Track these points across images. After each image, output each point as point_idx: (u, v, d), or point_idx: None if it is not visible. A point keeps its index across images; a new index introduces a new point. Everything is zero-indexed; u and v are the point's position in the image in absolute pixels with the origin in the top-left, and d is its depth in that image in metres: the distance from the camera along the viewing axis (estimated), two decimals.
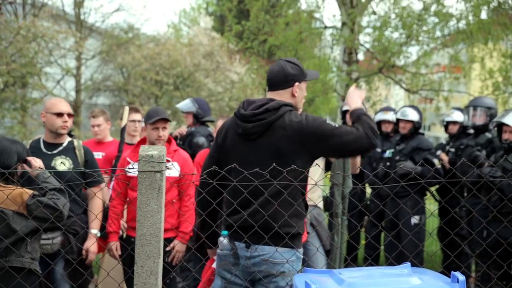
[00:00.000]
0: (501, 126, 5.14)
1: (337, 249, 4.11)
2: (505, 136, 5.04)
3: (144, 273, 2.78)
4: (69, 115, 4.34)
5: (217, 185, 3.13)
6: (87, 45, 15.80)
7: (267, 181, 3.01)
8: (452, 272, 2.49)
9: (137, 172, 2.80)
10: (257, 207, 3.06)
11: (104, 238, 4.63)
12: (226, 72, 17.40)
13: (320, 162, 4.70)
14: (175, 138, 6.52)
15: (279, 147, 3.09)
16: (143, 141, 4.72)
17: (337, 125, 3.14)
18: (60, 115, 4.29)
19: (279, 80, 3.22)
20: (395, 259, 5.11)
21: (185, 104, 6.85)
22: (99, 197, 4.33)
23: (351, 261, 6.56)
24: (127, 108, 5.32)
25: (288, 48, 10.30)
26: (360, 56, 11.30)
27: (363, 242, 7.49)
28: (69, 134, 6.65)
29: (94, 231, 4.34)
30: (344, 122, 6.75)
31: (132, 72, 16.20)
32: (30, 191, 3.38)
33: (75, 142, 4.41)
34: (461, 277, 2.43)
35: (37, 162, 3.68)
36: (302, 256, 3.20)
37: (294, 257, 3.12)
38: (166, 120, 4.63)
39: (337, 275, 2.59)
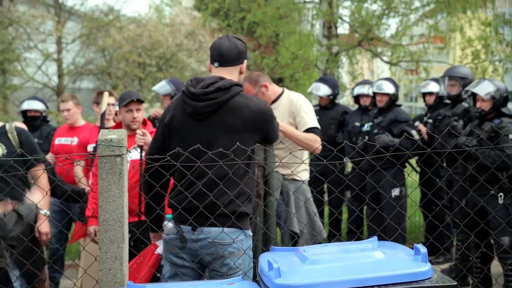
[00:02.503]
0: (475, 95, 5.12)
1: (259, 231, 4.00)
2: (477, 105, 5.04)
3: (108, 258, 2.76)
4: None
5: (164, 167, 3.05)
6: (67, 29, 15.59)
7: (214, 161, 2.93)
8: (415, 244, 2.50)
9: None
10: (201, 188, 2.97)
11: (84, 223, 4.59)
12: (208, 51, 17.23)
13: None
14: (152, 119, 6.47)
15: (233, 127, 3.03)
16: (119, 126, 4.64)
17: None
18: None
19: (233, 56, 3.15)
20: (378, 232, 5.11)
21: (162, 86, 6.81)
22: (43, 176, 4.06)
23: (335, 235, 6.59)
24: (106, 93, 5.24)
25: (267, 25, 10.19)
26: (341, 30, 11.21)
27: (345, 216, 7.51)
28: (46, 120, 6.61)
29: (43, 211, 4.11)
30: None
31: (114, 54, 16.02)
32: None
33: (7, 126, 4.22)
34: (423, 249, 2.44)
35: None
36: (251, 235, 3.14)
37: (241, 236, 3.05)
38: (139, 102, 4.55)
39: (301, 252, 2.59)
